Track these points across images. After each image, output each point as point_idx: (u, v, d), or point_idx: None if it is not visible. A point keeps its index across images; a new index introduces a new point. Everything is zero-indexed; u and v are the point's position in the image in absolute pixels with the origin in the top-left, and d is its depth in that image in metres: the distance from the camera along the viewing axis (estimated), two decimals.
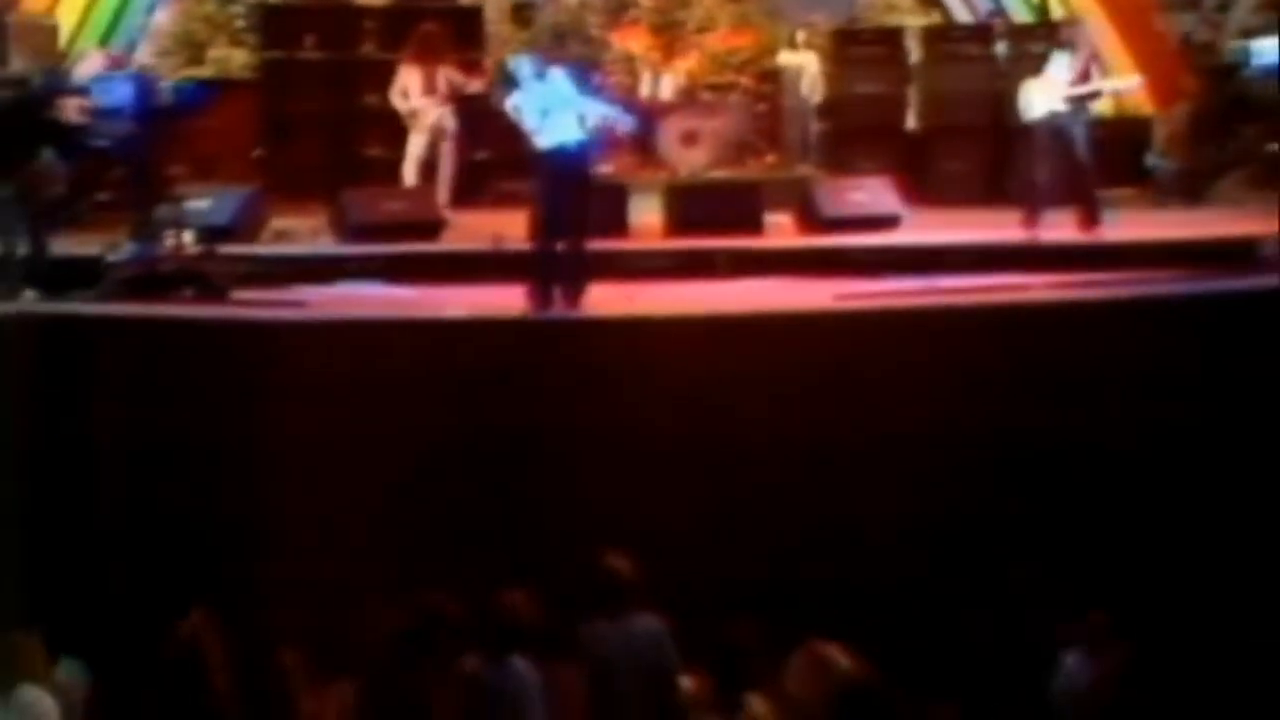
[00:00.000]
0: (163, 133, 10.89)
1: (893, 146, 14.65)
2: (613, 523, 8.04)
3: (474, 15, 15.14)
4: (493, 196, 13.42)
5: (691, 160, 14.61)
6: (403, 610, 6.50)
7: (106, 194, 11.41)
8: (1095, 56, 12.13)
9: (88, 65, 10.82)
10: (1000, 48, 14.63)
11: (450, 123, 12.60)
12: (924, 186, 13.85)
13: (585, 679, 6.40)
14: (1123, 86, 12.64)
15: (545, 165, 9.56)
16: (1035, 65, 12.11)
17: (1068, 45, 12.02)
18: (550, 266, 9.60)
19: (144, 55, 15.14)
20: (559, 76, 9.71)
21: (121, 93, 10.40)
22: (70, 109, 10.07)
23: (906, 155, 14.51)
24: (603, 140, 10.33)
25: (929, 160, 14.55)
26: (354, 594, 7.74)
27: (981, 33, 15.15)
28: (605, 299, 10.03)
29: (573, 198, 9.59)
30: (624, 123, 10.19)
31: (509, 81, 10.22)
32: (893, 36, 15.20)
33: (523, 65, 9.95)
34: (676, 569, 7.44)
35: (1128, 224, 12.16)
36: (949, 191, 14.16)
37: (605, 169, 13.07)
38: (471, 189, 13.32)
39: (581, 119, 9.57)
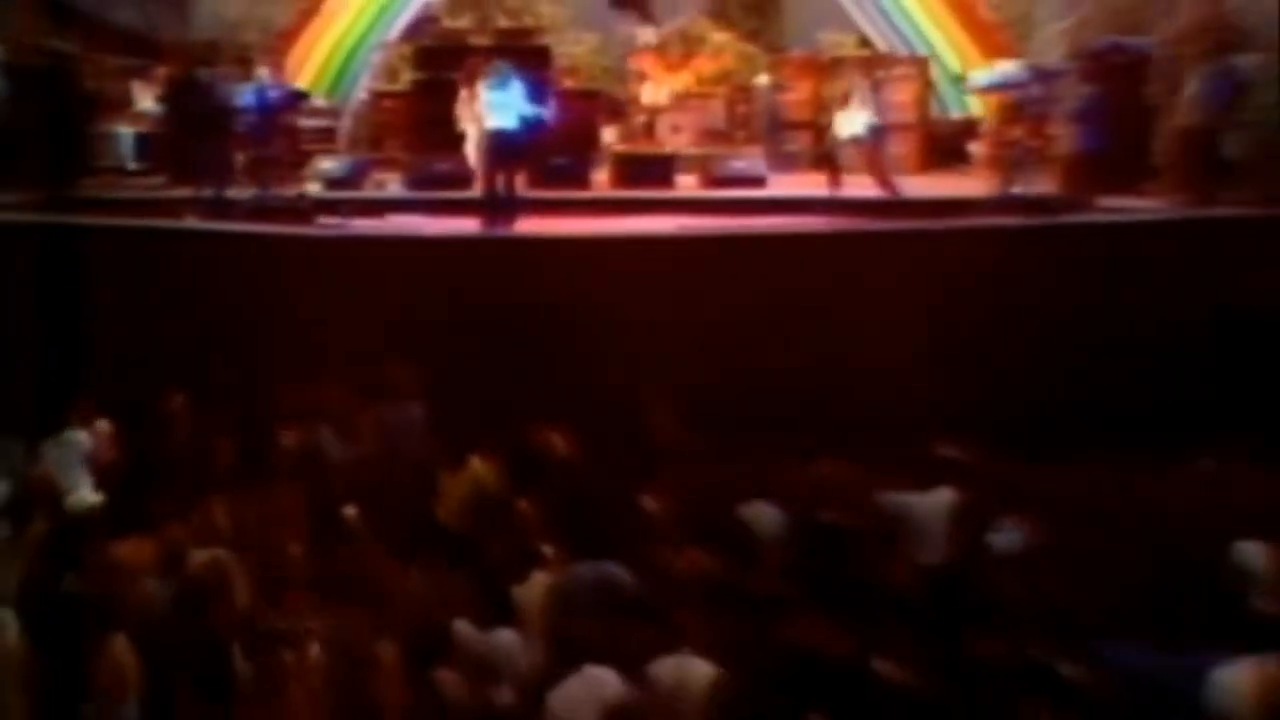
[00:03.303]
0: (272, 120, 12.95)
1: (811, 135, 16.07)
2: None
3: (544, 50, 16.36)
4: None
5: (676, 142, 16.26)
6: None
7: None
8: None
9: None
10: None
11: None
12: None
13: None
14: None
15: (489, 140, 11.81)
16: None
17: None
18: (491, 204, 11.76)
19: (365, 81, 17.82)
20: (515, 85, 11.87)
21: (249, 97, 12.75)
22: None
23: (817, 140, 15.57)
24: (532, 127, 12.09)
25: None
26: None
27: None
28: (533, 225, 11.67)
29: (506, 161, 11.74)
30: (546, 118, 12.42)
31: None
32: (816, 62, 16.89)
33: (492, 76, 11.94)
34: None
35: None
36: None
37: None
38: None
39: (519, 115, 11.77)
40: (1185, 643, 5.84)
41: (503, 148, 11.73)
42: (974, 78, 13.91)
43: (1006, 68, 12.86)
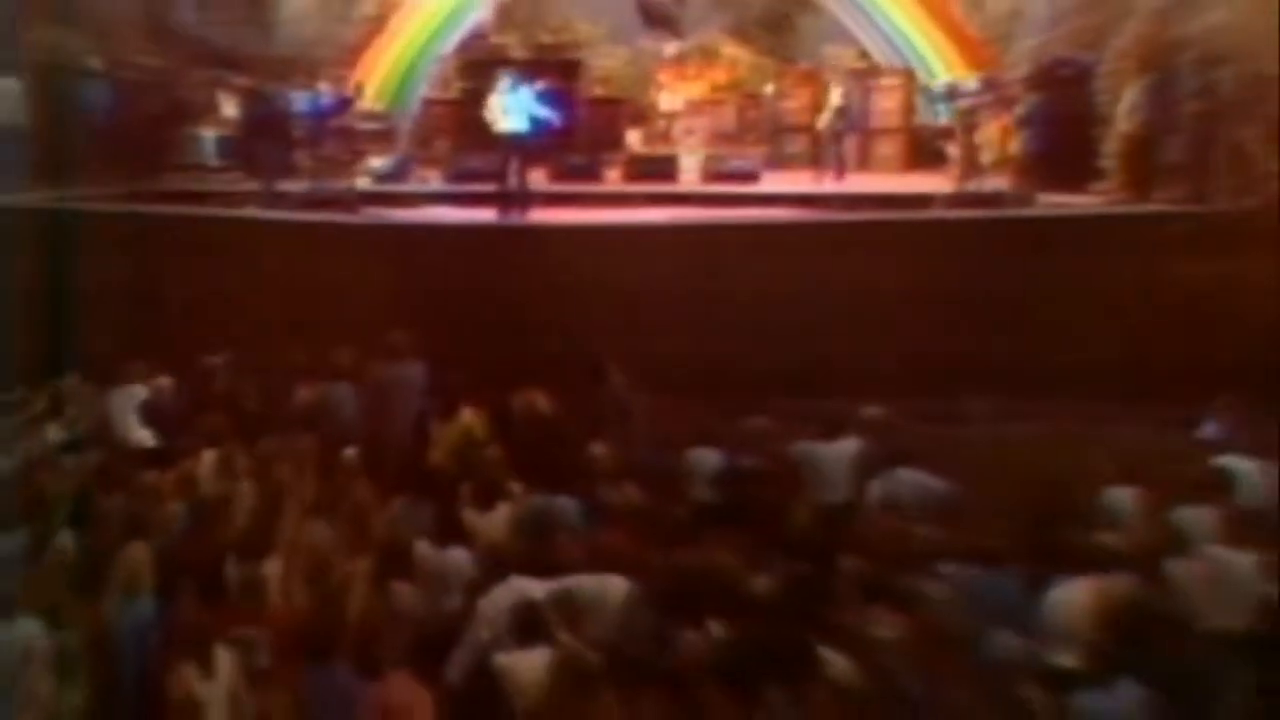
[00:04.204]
0: (324, 124, 13.63)
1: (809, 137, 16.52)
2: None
3: (574, 63, 17.40)
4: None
5: (690, 144, 16.86)
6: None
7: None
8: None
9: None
10: None
11: None
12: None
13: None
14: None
15: (501, 141, 12.24)
16: None
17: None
18: (506, 196, 12.20)
19: (423, 90, 18.35)
20: (524, 92, 12.37)
21: (303, 104, 13.51)
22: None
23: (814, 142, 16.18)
24: (541, 129, 12.42)
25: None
26: None
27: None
28: (543, 217, 12.04)
29: (519, 158, 12.20)
30: (554, 121, 12.65)
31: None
32: (814, 73, 17.44)
33: (503, 82, 12.34)
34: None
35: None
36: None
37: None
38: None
39: (530, 117, 12.17)
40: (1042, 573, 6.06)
41: (515, 147, 12.14)
42: (934, 86, 14.06)
43: (962, 79, 13.08)
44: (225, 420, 8.01)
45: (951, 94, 13.19)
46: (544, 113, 12.41)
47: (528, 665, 5.06)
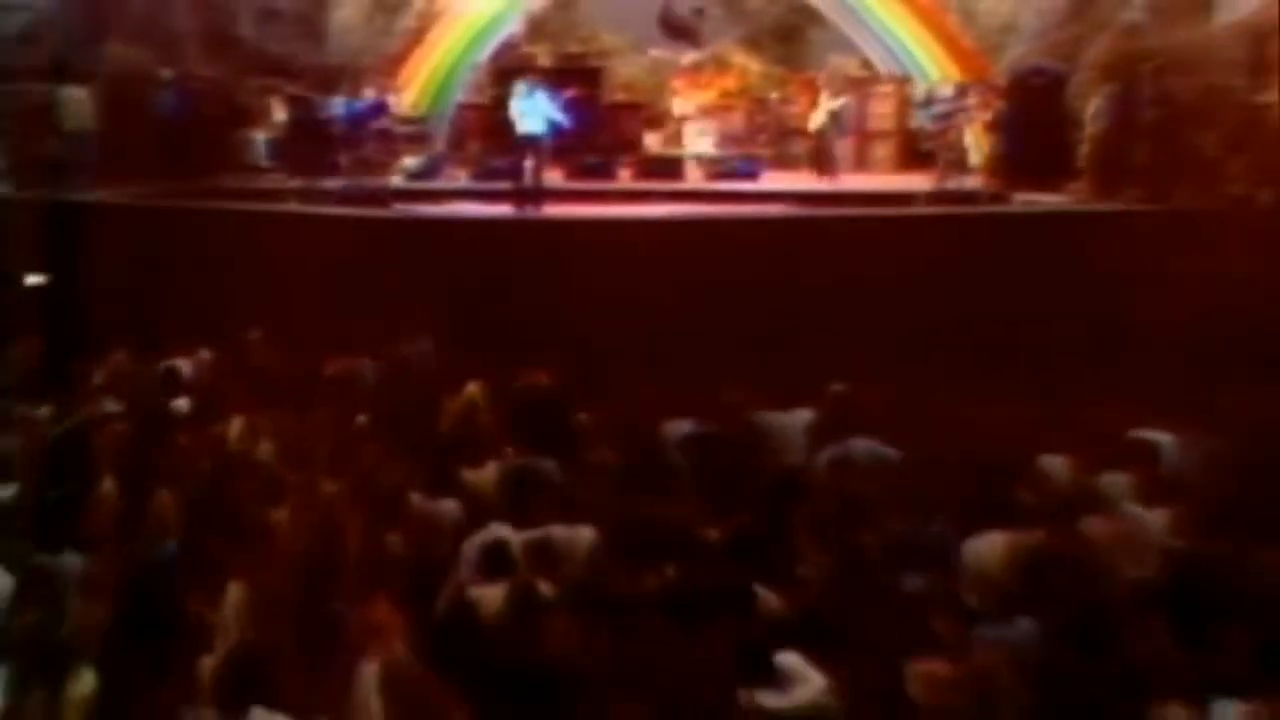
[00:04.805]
0: (359, 127, 14.13)
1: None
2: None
3: (595, 71, 17.90)
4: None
5: (700, 146, 17.19)
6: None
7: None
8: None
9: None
10: None
11: None
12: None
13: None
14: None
15: (520, 141, 12.55)
16: None
17: None
18: (521, 192, 12.58)
19: (459, 95, 18.73)
20: (540, 96, 12.83)
21: (339, 109, 13.99)
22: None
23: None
24: (556, 131, 12.77)
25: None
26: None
27: None
28: (557, 211, 12.45)
29: (535, 158, 12.57)
30: (567, 124, 12.96)
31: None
32: (815, 80, 17.58)
33: (521, 88, 12.76)
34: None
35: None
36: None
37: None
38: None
39: (545, 120, 12.61)
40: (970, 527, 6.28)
41: (531, 145, 12.56)
42: (914, 93, 14.29)
43: (937, 86, 13.31)
44: (254, 389, 8.47)
45: (928, 100, 13.40)
46: (558, 116, 12.68)
47: (492, 596, 5.40)
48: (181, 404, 8.57)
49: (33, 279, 10.97)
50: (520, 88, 12.64)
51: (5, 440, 7.39)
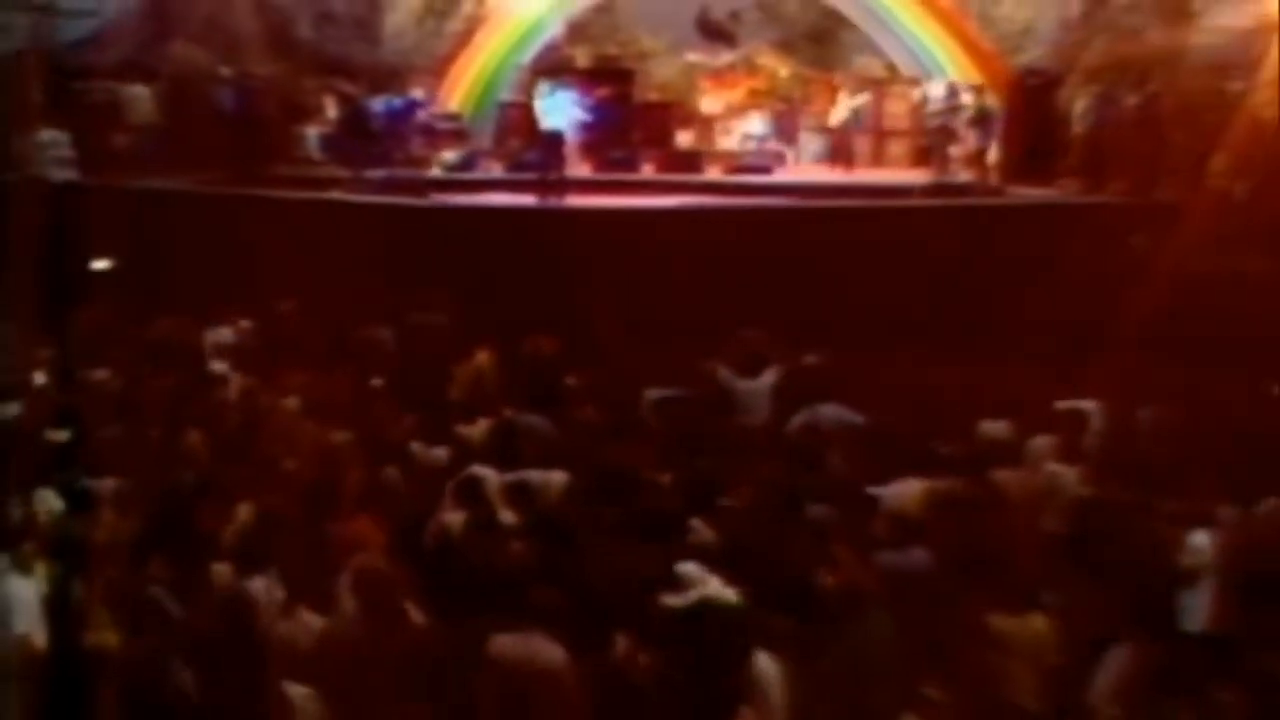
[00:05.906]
0: (398, 123, 14.98)
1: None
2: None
3: (628, 72, 18.44)
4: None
5: (726, 142, 17.70)
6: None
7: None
8: None
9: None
10: None
11: None
12: None
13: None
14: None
15: (543, 137, 13.42)
16: None
17: None
18: (544, 184, 13.22)
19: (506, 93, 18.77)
20: (561, 95, 14.08)
21: (380, 106, 14.84)
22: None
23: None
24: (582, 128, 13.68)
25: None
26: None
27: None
28: (579, 200, 13.02)
29: (557, 151, 13.36)
30: (590, 120, 14.16)
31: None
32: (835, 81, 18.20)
33: (543, 87, 14.20)
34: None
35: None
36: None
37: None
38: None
39: (567, 117, 14.05)
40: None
41: (554, 141, 13.41)
42: (914, 94, 14.91)
43: (934, 86, 13.93)
44: (288, 354, 9.35)
45: (926, 100, 14.05)
46: (581, 114, 13.42)
47: (460, 521, 6.29)
48: (220, 365, 9.48)
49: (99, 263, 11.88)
50: (543, 87, 13.33)
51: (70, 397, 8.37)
